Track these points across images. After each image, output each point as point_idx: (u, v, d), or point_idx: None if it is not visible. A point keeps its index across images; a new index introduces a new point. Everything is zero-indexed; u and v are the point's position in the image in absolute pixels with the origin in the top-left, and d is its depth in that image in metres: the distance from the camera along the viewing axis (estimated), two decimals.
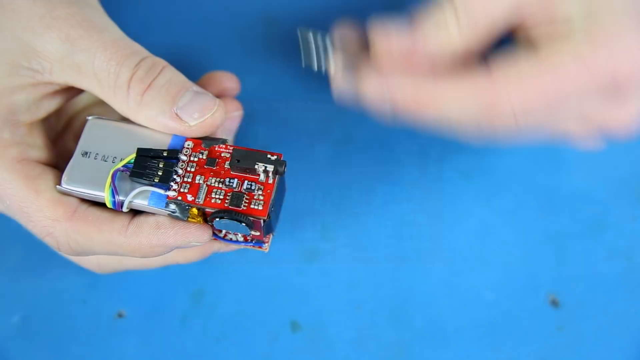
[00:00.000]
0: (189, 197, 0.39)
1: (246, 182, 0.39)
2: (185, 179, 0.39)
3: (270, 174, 0.39)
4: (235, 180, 0.39)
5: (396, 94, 0.39)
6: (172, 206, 0.39)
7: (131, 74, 0.39)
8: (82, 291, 0.50)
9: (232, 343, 0.49)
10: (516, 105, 0.36)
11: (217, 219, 0.38)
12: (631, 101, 0.40)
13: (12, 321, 0.49)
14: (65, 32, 0.39)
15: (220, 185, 0.39)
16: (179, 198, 0.39)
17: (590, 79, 0.36)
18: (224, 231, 0.41)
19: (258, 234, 0.40)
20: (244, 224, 0.38)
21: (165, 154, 0.39)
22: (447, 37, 0.39)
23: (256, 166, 0.38)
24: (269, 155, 0.39)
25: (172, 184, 0.39)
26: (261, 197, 0.39)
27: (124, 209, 0.39)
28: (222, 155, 0.40)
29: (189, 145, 0.40)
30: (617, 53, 0.36)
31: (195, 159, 0.40)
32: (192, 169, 0.39)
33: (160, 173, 0.39)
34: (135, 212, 0.40)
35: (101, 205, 0.40)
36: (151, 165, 0.39)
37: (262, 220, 0.39)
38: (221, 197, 0.39)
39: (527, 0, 0.39)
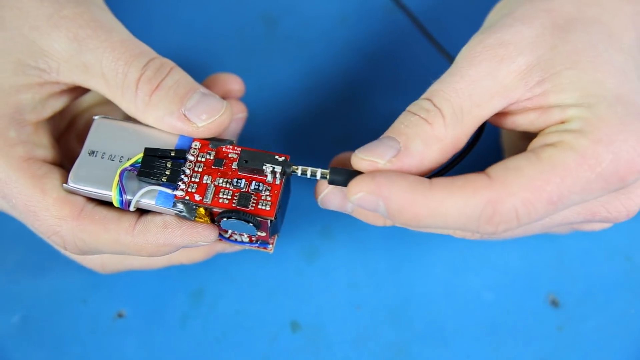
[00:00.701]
0: (197, 197, 0.39)
1: (254, 182, 0.39)
2: (193, 179, 0.39)
3: (277, 175, 0.39)
4: (243, 180, 0.39)
5: (391, 204, 0.37)
6: (180, 206, 0.39)
7: (139, 74, 0.39)
8: (82, 291, 0.49)
9: (232, 343, 0.49)
10: (520, 209, 0.36)
11: (225, 219, 0.39)
12: (634, 192, 0.40)
13: (12, 321, 0.49)
14: (73, 31, 0.39)
15: (227, 186, 0.39)
16: (187, 198, 0.39)
17: (594, 176, 0.36)
18: (229, 231, 0.41)
19: (264, 234, 0.40)
20: (251, 224, 0.38)
21: (172, 154, 0.39)
22: (437, 151, 0.38)
23: (264, 167, 0.39)
24: (276, 157, 0.39)
25: (179, 183, 0.39)
26: (269, 198, 0.39)
27: (131, 208, 0.39)
28: (230, 156, 0.40)
29: (196, 145, 0.40)
30: (618, 147, 0.36)
31: (203, 160, 0.40)
32: (200, 169, 0.39)
33: (167, 173, 0.39)
34: (141, 212, 0.40)
35: (108, 204, 0.40)
36: (159, 165, 0.39)
37: (269, 221, 0.39)
38: (229, 197, 0.39)
39: (519, 97, 0.39)
